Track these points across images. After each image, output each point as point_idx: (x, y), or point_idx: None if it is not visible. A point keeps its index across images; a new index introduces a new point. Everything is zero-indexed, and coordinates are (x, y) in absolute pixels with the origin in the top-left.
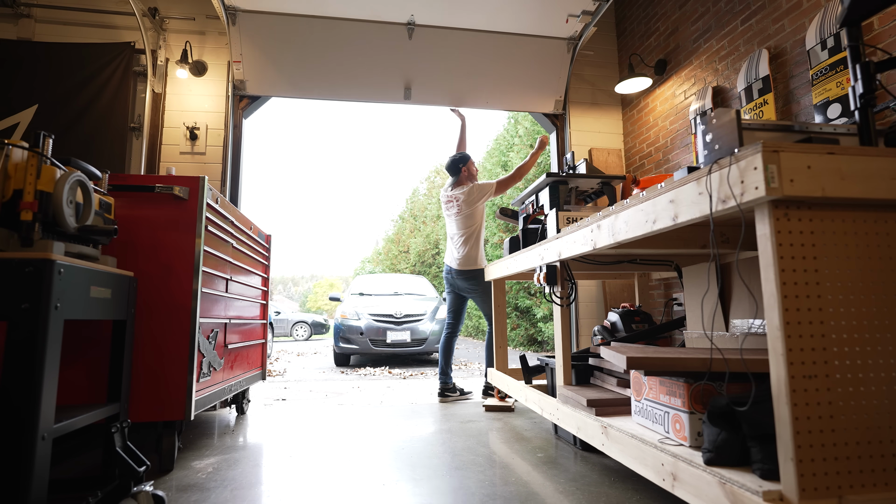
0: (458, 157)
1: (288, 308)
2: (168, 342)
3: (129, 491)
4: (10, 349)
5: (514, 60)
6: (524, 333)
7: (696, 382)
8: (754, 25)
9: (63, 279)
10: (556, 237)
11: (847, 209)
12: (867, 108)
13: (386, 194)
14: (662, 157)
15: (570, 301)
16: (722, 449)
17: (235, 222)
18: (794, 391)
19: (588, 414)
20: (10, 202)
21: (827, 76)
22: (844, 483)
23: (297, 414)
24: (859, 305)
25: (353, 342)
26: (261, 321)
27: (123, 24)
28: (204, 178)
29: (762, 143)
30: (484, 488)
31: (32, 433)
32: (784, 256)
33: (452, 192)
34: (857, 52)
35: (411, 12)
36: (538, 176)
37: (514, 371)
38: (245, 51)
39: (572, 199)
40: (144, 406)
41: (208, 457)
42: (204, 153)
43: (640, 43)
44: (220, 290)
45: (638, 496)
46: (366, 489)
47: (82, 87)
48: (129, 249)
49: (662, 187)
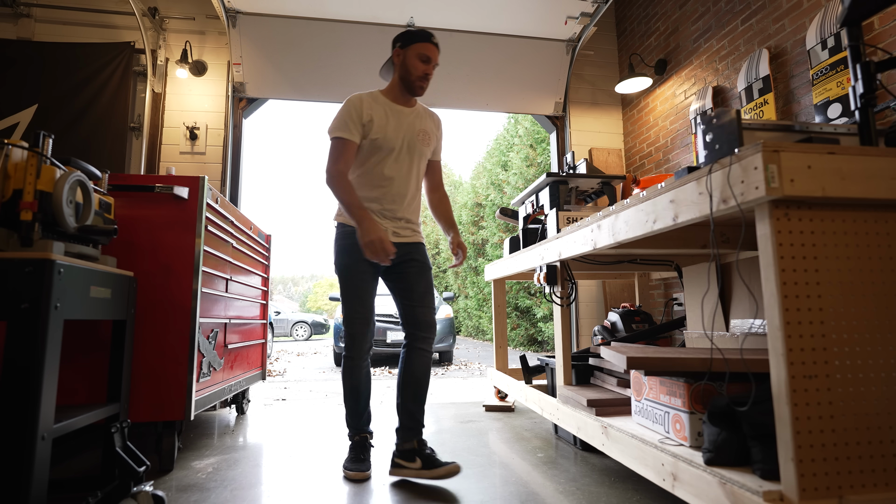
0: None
1: (288, 308)
2: (168, 342)
3: (129, 491)
4: (10, 349)
5: (514, 62)
6: (524, 333)
7: (696, 382)
8: (754, 25)
9: (63, 279)
10: (556, 237)
11: (847, 209)
12: (867, 107)
13: None
14: (663, 157)
15: (570, 301)
16: (722, 449)
17: (235, 222)
18: (795, 391)
19: (588, 414)
20: (9, 202)
21: (827, 76)
22: (845, 483)
23: (297, 414)
24: (860, 305)
25: None
26: (261, 321)
27: (123, 23)
28: (204, 177)
29: (762, 142)
30: (484, 488)
31: (32, 433)
32: (784, 256)
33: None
34: (858, 52)
35: (411, 14)
36: (538, 176)
37: (514, 371)
38: (245, 53)
39: (572, 199)
40: (144, 406)
41: (208, 457)
42: (204, 153)
43: (640, 43)
44: (220, 290)
45: (638, 496)
46: (366, 489)
47: (82, 87)
48: (129, 249)
49: (663, 187)
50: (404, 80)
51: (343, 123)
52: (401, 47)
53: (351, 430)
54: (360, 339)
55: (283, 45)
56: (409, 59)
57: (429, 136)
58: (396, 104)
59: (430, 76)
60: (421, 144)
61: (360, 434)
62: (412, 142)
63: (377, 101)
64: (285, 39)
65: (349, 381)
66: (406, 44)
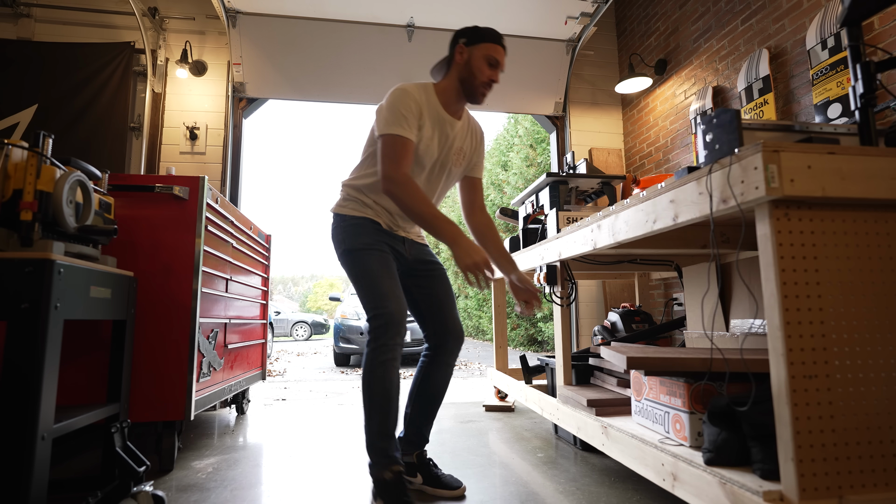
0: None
1: (288, 308)
2: (168, 342)
3: (129, 491)
4: (10, 349)
5: (514, 62)
6: (524, 333)
7: (696, 382)
8: (754, 25)
9: (63, 279)
10: (556, 237)
11: (847, 209)
12: (867, 107)
13: None
14: (662, 157)
15: (570, 301)
16: (722, 449)
17: (235, 222)
18: (795, 391)
19: (588, 414)
20: (9, 202)
21: (827, 76)
22: (845, 483)
23: (297, 414)
24: (860, 305)
25: (354, 342)
26: (261, 321)
27: (123, 23)
28: (204, 177)
29: (762, 142)
30: (484, 488)
31: (32, 433)
32: (784, 256)
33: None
34: (858, 52)
35: (411, 14)
36: (538, 176)
37: (514, 371)
38: (245, 53)
39: (572, 199)
40: (144, 406)
41: (208, 457)
42: (204, 153)
43: (640, 43)
44: (220, 290)
45: (638, 496)
46: (366, 489)
47: (82, 87)
48: (129, 249)
49: (663, 187)
50: (466, 83)
51: (400, 117)
52: (466, 44)
53: (378, 458)
54: (399, 318)
55: (283, 45)
56: (474, 61)
57: (465, 155)
58: (447, 112)
59: (495, 83)
60: (454, 164)
61: (392, 467)
62: (446, 160)
63: (430, 104)
64: (285, 39)
65: (380, 384)
66: (473, 41)
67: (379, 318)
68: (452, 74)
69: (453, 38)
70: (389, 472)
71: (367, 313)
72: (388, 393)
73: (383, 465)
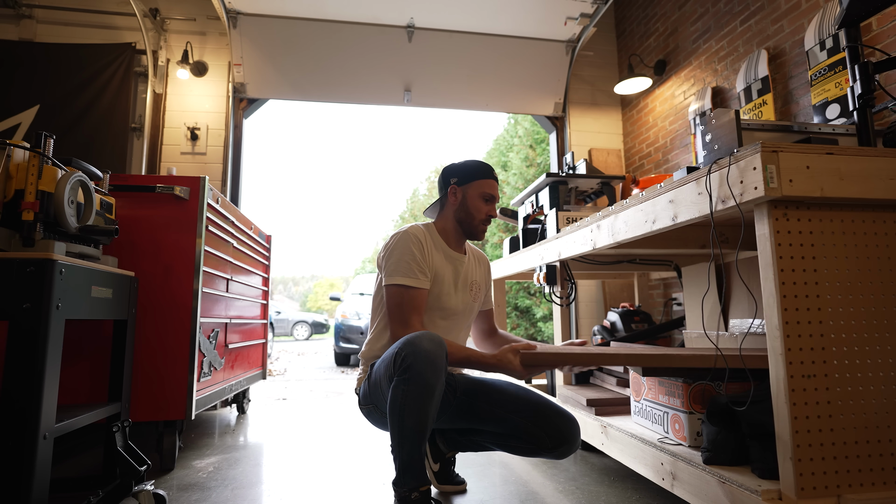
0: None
1: (288, 308)
2: (169, 342)
3: (131, 490)
4: (12, 349)
5: (514, 63)
6: (524, 333)
7: (694, 382)
8: (753, 26)
9: (64, 279)
10: (556, 237)
11: (846, 209)
12: (866, 108)
13: (386, 194)
14: (662, 158)
15: (569, 301)
16: (721, 448)
17: (236, 222)
18: (794, 391)
19: (588, 413)
20: (11, 202)
21: (826, 77)
22: (843, 482)
23: (297, 413)
24: (858, 305)
25: (354, 342)
26: (261, 321)
27: (124, 24)
28: (205, 178)
29: (761, 143)
30: (484, 487)
31: (34, 433)
32: (783, 256)
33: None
34: (856, 53)
35: (411, 15)
36: (538, 176)
37: None
38: (246, 54)
39: (572, 199)
40: (145, 405)
41: (209, 456)
42: (205, 153)
43: (639, 43)
44: (221, 290)
45: (637, 495)
46: (366, 488)
47: (83, 88)
48: (130, 249)
49: (662, 187)
50: (464, 223)
51: (407, 267)
52: (458, 184)
53: (406, 478)
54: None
55: (283, 45)
56: (470, 200)
57: (479, 286)
58: (452, 249)
59: (493, 217)
60: (473, 301)
61: (420, 488)
62: (465, 297)
63: (436, 246)
64: (286, 40)
65: (414, 416)
66: (465, 180)
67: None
68: (448, 215)
69: (443, 178)
70: (417, 491)
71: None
72: (422, 422)
73: (410, 483)
